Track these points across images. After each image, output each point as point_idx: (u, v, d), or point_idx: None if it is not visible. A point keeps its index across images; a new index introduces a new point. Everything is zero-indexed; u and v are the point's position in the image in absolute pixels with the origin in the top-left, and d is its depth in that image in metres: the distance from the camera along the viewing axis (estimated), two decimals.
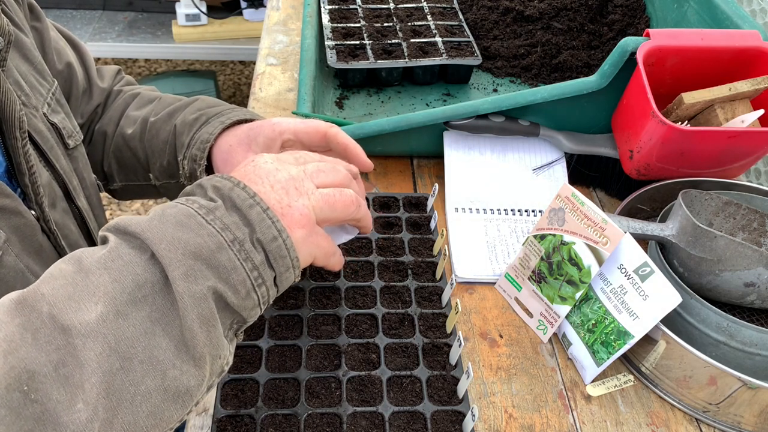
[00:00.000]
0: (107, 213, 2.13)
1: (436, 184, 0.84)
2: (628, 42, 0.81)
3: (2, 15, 0.60)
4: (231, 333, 0.49)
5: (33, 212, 0.61)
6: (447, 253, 0.74)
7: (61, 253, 0.63)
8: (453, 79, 1.08)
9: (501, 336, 0.74)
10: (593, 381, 0.70)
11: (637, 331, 0.66)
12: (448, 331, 0.71)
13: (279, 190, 0.51)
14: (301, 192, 0.53)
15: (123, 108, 0.81)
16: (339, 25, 1.09)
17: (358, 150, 0.67)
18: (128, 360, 0.42)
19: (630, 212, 0.82)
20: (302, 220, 0.52)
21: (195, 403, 0.46)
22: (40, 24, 0.73)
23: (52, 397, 0.39)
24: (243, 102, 2.50)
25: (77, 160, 0.71)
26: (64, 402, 0.40)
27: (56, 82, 0.71)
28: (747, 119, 0.77)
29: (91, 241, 0.70)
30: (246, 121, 0.71)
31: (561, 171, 0.91)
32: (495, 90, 1.08)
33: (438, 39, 1.06)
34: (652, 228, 0.73)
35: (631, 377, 0.71)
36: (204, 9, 2.11)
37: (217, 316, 0.46)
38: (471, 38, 1.08)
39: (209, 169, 0.71)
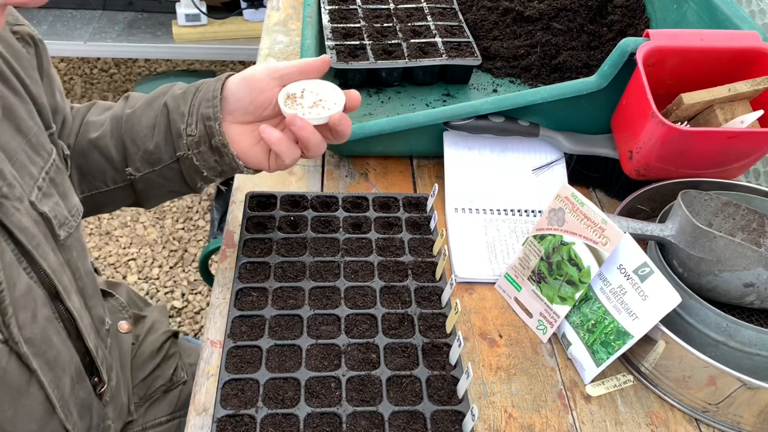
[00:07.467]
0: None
1: (436, 185, 0.84)
2: (627, 42, 0.81)
3: None
4: None
5: None
6: (447, 253, 0.74)
7: (33, 374, 0.57)
8: (453, 79, 1.08)
9: (501, 336, 0.74)
10: (593, 381, 0.70)
11: (637, 331, 0.66)
12: (448, 331, 0.71)
13: None
14: None
15: (80, 119, 0.77)
16: (339, 25, 1.09)
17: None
18: None
19: (629, 212, 0.82)
20: None
21: None
22: (40, 49, 0.68)
23: None
24: None
25: (70, 250, 0.65)
26: None
27: (54, 151, 0.65)
28: (746, 120, 0.78)
29: (81, 342, 0.65)
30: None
31: (560, 171, 0.91)
32: (495, 90, 1.08)
33: (438, 39, 1.06)
34: (651, 228, 0.73)
35: (631, 377, 0.71)
36: (204, 9, 2.11)
37: None
38: (471, 39, 1.08)
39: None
